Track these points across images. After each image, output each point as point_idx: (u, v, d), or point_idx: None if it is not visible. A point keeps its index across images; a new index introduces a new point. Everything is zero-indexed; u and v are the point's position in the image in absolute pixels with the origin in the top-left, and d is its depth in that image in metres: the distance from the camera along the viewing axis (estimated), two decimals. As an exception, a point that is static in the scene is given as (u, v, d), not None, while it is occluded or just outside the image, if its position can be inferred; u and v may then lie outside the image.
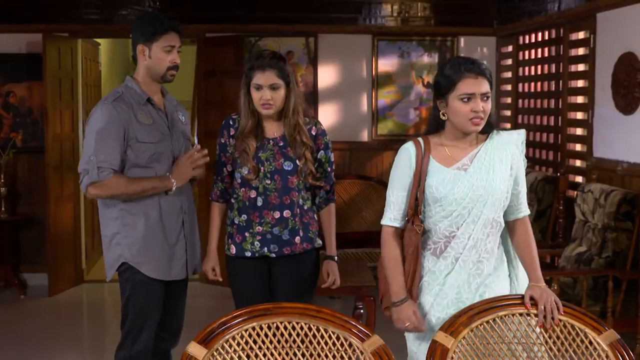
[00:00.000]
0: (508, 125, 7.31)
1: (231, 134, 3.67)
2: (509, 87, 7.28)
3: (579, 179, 5.97)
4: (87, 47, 7.73)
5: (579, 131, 5.97)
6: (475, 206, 2.88)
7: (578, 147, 6.01)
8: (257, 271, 3.66)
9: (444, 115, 2.91)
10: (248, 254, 3.63)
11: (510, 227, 3.02)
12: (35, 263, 7.27)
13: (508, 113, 7.32)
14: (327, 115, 7.56)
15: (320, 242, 3.73)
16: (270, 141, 3.61)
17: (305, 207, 3.66)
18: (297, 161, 3.59)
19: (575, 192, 5.41)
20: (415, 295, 2.96)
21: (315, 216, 3.73)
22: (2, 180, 6.99)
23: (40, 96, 7.10)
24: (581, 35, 5.91)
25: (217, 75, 7.27)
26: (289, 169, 3.59)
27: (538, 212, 5.78)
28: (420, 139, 2.96)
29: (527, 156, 6.91)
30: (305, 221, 3.65)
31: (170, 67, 3.58)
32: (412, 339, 3.04)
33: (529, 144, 6.89)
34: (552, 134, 6.41)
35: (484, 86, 2.85)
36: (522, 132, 3.01)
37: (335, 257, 3.77)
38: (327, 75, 7.56)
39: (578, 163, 6.03)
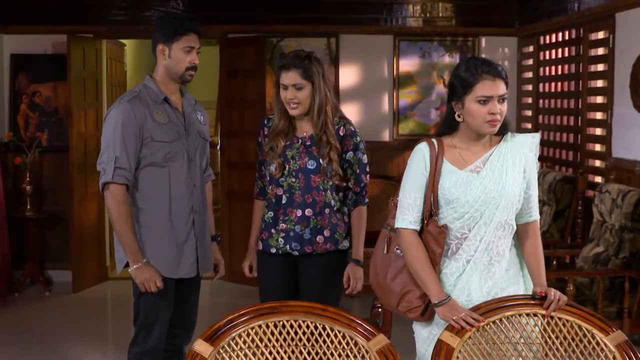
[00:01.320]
0: (529, 125, 7.30)
1: (265, 133, 3.75)
2: (530, 87, 7.26)
3: (599, 179, 5.95)
4: (112, 48, 7.82)
5: (598, 131, 5.95)
6: (487, 208, 2.86)
7: (597, 147, 5.99)
8: (281, 268, 3.71)
9: (459, 116, 2.89)
10: (273, 250, 3.69)
11: (519, 231, 3.00)
12: (60, 260, 7.39)
13: (529, 113, 7.30)
14: (349, 115, 7.32)
15: (347, 244, 3.72)
16: (299, 140, 3.66)
17: (335, 208, 3.67)
18: (321, 160, 3.61)
19: (594, 192, 5.40)
20: None
21: (346, 218, 3.73)
22: (28, 179, 7.11)
23: (65, 96, 7.21)
24: (601, 35, 5.89)
25: (239, 75, 7.33)
26: (312, 167, 3.62)
27: (557, 212, 5.76)
28: (433, 140, 2.94)
29: (546, 156, 6.93)
30: (333, 222, 3.66)
31: (189, 67, 3.64)
32: (421, 340, 3.03)
33: (549, 144, 6.88)
34: (572, 134, 6.39)
35: (501, 88, 2.83)
36: (536, 136, 2.98)
37: (356, 260, 3.70)
38: (348, 76, 7.59)
39: (597, 163, 6.00)
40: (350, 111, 7.59)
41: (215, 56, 7.80)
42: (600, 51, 5.90)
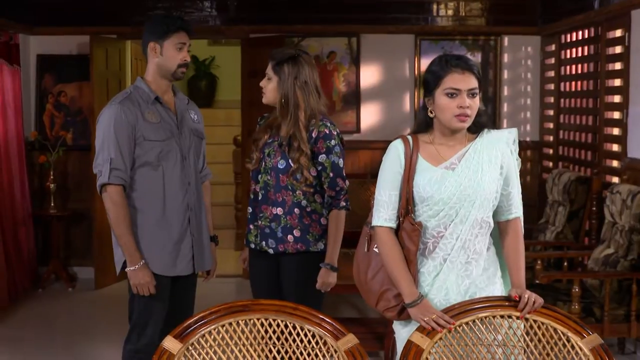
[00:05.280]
0: (551, 125, 7.21)
1: None
2: (551, 87, 7.18)
3: (616, 179, 5.85)
4: (138, 48, 7.92)
5: (615, 131, 5.86)
6: (463, 206, 2.84)
7: (615, 147, 5.90)
8: (262, 264, 3.77)
9: (431, 112, 2.87)
10: (252, 245, 3.77)
11: (500, 229, 2.98)
12: (85, 257, 7.51)
13: (551, 112, 7.21)
14: (370, 114, 7.61)
15: (321, 246, 3.72)
16: (279, 138, 3.70)
17: (309, 209, 3.69)
18: (291, 162, 3.64)
19: (606, 193, 5.32)
20: None
21: (323, 220, 3.73)
22: (52, 177, 7.25)
23: (89, 96, 7.33)
24: (618, 33, 5.79)
25: (259, 75, 7.32)
26: (282, 167, 3.66)
27: (571, 212, 5.69)
28: (408, 137, 2.92)
29: (566, 156, 6.81)
30: (305, 223, 3.68)
31: (181, 64, 3.70)
32: (401, 340, 3.00)
33: (570, 143, 6.79)
34: (591, 134, 6.31)
35: (471, 82, 2.81)
36: (513, 131, 2.95)
37: (330, 265, 3.69)
38: (369, 75, 7.59)
39: (615, 163, 5.91)
40: (372, 111, 7.61)
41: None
42: (618, 49, 5.80)
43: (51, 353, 5.53)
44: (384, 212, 2.91)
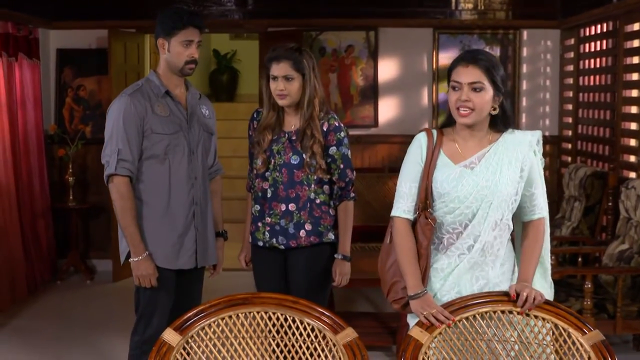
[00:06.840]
0: (570, 120, 7.15)
1: (254, 126, 3.79)
2: (570, 81, 7.12)
3: (633, 174, 5.79)
4: (156, 42, 7.95)
5: (633, 126, 5.80)
6: (480, 207, 2.84)
7: (632, 142, 5.84)
8: (269, 260, 3.76)
9: None
10: (260, 243, 3.75)
11: (523, 228, 2.98)
12: (103, 250, 7.57)
13: (570, 107, 7.15)
14: (388, 108, 7.58)
15: (332, 237, 3.73)
16: (286, 134, 3.70)
17: (318, 202, 3.69)
18: (304, 155, 3.63)
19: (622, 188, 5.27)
20: None
21: (331, 211, 3.75)
22: (71, 170, 7.31)
23: (108, 90, 7.38)
24: (636, 26, 5.73)
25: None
26: (295, 162, 3.65)
27: (586, 208, 5.65)
28: (433, 131, 2.94)
29: (584, 151, 6.74)
30: (316, 215, 3.68)
31: (188, 61, 3.70)
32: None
33: (588, 138, 6.73)
34: (609, 129, 6.25)
35: (474, 76, 2.79)
36: (536, 133, 2.93)
37: (343, 255, 3.72)
38: (387, 69, 7.56)
39: (632, 158, 5.85)
40: (390, 105, 7.59)
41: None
42: (635, 43, 5.74)
43: (68, 345, 5.58)
44: (403, 204, 2.93)
